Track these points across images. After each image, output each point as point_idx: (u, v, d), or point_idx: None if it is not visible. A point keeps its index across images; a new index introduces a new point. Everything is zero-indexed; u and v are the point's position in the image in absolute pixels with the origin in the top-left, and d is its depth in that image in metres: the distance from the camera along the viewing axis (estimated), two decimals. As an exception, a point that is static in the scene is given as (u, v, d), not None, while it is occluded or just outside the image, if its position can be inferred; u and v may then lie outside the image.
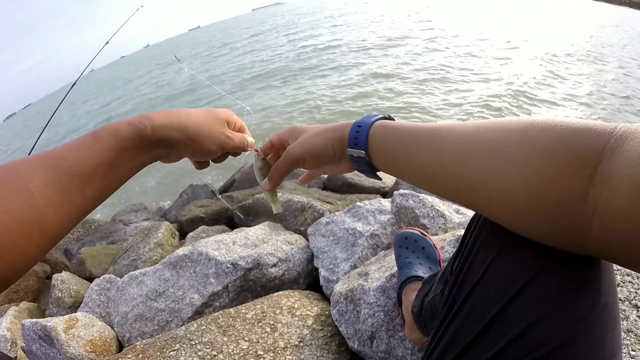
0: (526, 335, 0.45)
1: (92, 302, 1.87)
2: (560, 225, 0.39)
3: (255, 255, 1.67)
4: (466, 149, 0.48)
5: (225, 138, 0.68)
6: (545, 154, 0.39)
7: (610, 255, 0.38)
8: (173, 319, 1.60)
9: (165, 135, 0.61)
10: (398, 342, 1.15)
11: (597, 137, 0.36)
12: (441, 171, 0.51)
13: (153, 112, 0.62)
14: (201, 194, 4.24)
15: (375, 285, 1.24)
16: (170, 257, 1.80)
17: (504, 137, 0.44)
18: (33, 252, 0.47)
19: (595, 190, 0.35)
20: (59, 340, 1.49)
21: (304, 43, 19.38)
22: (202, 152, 0.67)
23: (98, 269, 2.57)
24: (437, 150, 0.51)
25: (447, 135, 0.51)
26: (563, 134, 0.39)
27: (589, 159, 0.36)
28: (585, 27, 14.54)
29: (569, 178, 0.37)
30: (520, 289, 0.46)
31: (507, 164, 0.42)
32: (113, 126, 0.57)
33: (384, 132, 0.61)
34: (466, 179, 0.48)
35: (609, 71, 9.12)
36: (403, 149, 0.57)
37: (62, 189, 0.50)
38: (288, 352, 1.24)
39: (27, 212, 0.46)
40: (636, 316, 0.97)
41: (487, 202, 0.47)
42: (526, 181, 0.40)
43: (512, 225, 0.47)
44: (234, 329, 1.34)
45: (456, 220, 1.50)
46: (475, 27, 15.36)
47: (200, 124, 0.65)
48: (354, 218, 1.71)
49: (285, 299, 1.45)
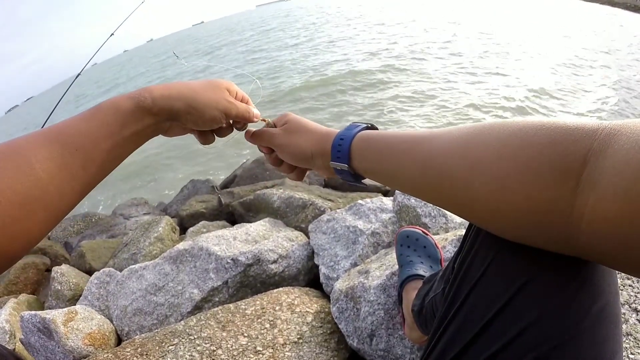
0: (526, 334, 0.45)
1: (92, 295, 1.87)
2: (550, 235, 0.39)
3: (255, 251, 1.67)
4: (448, 167, 0.47)
5: (227, 103, 0.68)
6: (527, 170, 0.38)
7: (603, 260, 0.37)
8: (172, 314, 1.60)
9: (166, 105, 0.61)
10: (397, 341, 1.15)
11: (579, 142, 0.35)
12: (426, 184, 0.51)
13: (152, 85, 0.62)
14: (202, 189, 4.24)
15: (376, 283, 1.24)
16: (171, 251, 1.80)
17: (484, 153, 0.43)
18: (36, 227, 0.47)
19: (580, 198, 0.34)
20: (58, 332, 1.49)
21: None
22: (204, 120, 0.67)
23: (98, 263, 2.57)
24: (420, 164, 0.51)
25: (428, 148, 0.51)
26: (543, 147, 0.38)
27: (572, 168, 0.35)
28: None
29: (553, 190, 0.36)
30: (520, 288, 0.46)
31: (489, 183, 0.42)
32: (114, 100, 0.58)
33: (366, 145, 0.61)
34: (451, 194, 0.48)
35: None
36: (385, 162, 0.57)
37: (64, 163, 0.50)
38: (287, 348, 1.23)
39: (29, 187, 0.45)
40: (636, 320, 0.97)
41: (474, 215, 0.48)
42: (509, 199, 0.40)
43: (504, 234, 0.47)
44: (233, 324, 1.34)
45: (457, 220, 1.49)
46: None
47: (200, 91, 0.65)
48: (355, 216, 1.71)
49: (285, 296, 1.44)
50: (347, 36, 18.39)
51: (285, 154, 0.73)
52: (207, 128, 0.70)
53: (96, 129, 0.54)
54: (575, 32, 13.11)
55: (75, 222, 4.31)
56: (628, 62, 9.29)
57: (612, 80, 8.10)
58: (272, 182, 3.44)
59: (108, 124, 0.55)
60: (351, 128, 0.65)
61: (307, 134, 0.70)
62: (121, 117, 0.56)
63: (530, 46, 11.20)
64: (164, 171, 7.47)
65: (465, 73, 9.50)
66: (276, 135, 0.73)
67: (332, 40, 17.87)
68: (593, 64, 9.24)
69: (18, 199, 0.44)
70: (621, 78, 8.19)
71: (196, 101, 0.64)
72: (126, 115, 0.57)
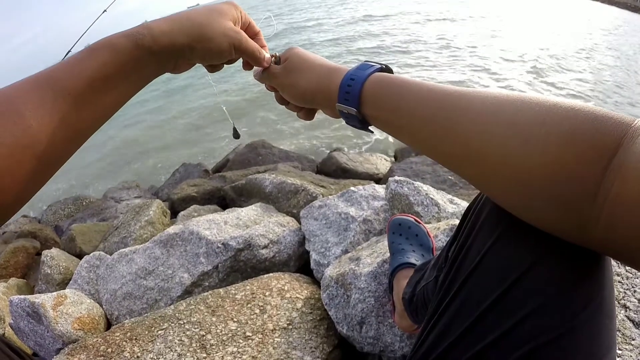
0: (524, 324, 0.44)
1: (81, 279, 1.86)
2: (570, 213, 0.38)
3: (246, 236, 1.66)
4: (485, 120, 0.44)
5: (234, 33, 0.62)
6: (567, 140, 0.37)
7: (613, 249, 0.37)
8: (162, 298, 1.60)
9: (168, 43, 0.56)
10: (387, 329, 1.15)
11: (616, 127, 0.35)
12: (452, 140, 0.47)
13: (153, 20, 0.58)
14: (194, 173, 4.22)
15: (367, 270, 1.24)
16: (161, 235, 1.78)
17: (527, 115, 0.41)
18: (29, 178, 0.45)
19: (607, 179, 0.34)
20: (47, 317, 1.48)
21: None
22: (212, 54, 0.61)
23: (88, 246, 2.55)
24: (451, 117, 0.47)
25: (461, 101, 0.47)
26: (586, 121, 0.37)
27: (608, 148, 0.35)
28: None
29: (587, 166, 0.36)
30: (519, 277, 0.45)
31: (527, 143, 0.40)
32: (109, 38, 0.53)
33: (382, 91, 0.55)
34: (481, 152, 0.44)
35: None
36: (406, 111, 0.52)
37: (56, 109, 0.46)
38: (277, 334, 1.23)
39: (19, 136, 0.43)
40: (624, 316, 0.98)
41: (498, 179, 0.44)
42: (545, 164, 0.38)
43: (519, 206, 0.44)
44: (223, 309, 1.33)
45: (450, 210, 1.49)
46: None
47: (203, 22, 0.59)
48: (347, 203, 1.70)
49: (275, 281, 1.44)
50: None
51: (286, 94, 0.69)
52: (215, 62, 0.65)
53: (90, 72, 0.49)
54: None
55: (65, 205, 4.29)
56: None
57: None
58: (264, 167, 3.44)
59: (103, 65, 0.50)
60: (364, 68, 0.58)
61: (309, 72, 0.64)
62: (118, 58, 0.52)
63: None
64: (155, 153, 7.40)
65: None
66: (277, 74, 0.68)
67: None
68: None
69: (6, 149, 0.42)
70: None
71: (199, 34, 0.58)
72: (123, 56, 0.52)
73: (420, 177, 2.77)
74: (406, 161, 3.17)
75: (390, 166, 3.41)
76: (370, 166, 3.59)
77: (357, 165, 3.56)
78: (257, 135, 6.04)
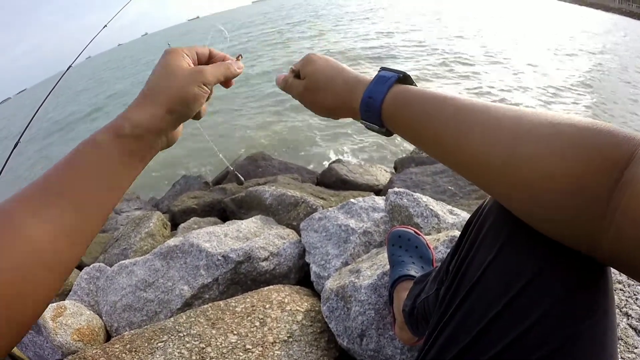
0: (528, 335, 0.44)
1: (81, 290, 1.86)
2: (582, 221, 0.38)
3: (246, 248, 1.66)
4: (507, 126, 0.45)
5: (198, 90, 0.59)
6: (581, 150, 0.38)
7: (619, 260, 0.37)
8: (162, 310, 1.59)
9: (150, 125, 0.55)
10: (388, 341, 1.15)
11: (628, 141, 0.36)
12: (471, 148, 0.47)
13: (129, 107, 0.56)
14: (194, 185, 4.23)
15: (367, 282, 1.24)
16: (161, 247, 1.79)
17: (541, 123, 0.42)
18: (41, 291, 0.44)
19: (619, 191, 0.35)
20: (47, 328, 1.47)
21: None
22: (192, 108, 0.59)
23: (88, 257, 2.55)
24: (466, 126, 0.48)
25: (475, 113, 0.48)
26: (600, 134, 0.38)
27: (620, 160, 0.36)
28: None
29: (599, 178, 0.36)
30: (522, 288, 0.46)
31: (538, 147, 0.41)
32: (91, 138, 0.52)
33: (398, 109, 0.56)
34: (502, 169, 0.44)
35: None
36: (428, 128, 0.53)
37: (53, 216, 0.46)
38: (277, 347, 1.23)
39: (29, 258, 0.43)
40: (626, 324, 0.97)
41: (517, 192, 0.44)
42: (560, 175, 0.39)
43: (531, 214, 0.44)
44: (223, 322, 1.33)
45: (450, 221, 1.50)
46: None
47: (168, 84, 0.57)
48: (347, 214, 1.71)
49: (275, 294, 1.44)
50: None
51: (310, 109, 0.70)
52: (199, 109, 0.62)
53: (80, 172, 0.49)
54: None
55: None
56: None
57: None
58: (264, 179, 3.44)
59: (90, 165, 0.50)
60: (381, 81, 0.59)
61: (331, 91, 0.65)
62: (104, 154, 0.51)
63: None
64: (155, 165, 7.40)
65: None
66: (299, 91, 0.70)
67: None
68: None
69: (20, 275, 0.41)
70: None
71: (171, 99, 0.56)
72: (108, 151, 0.52)
73: (420, 188, 2.77)
74: (406, 172, 3.18)
75: (390, 177, 3.42)
76: (370, 177, 3.60)
77: (357, 176, 3.56)
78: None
